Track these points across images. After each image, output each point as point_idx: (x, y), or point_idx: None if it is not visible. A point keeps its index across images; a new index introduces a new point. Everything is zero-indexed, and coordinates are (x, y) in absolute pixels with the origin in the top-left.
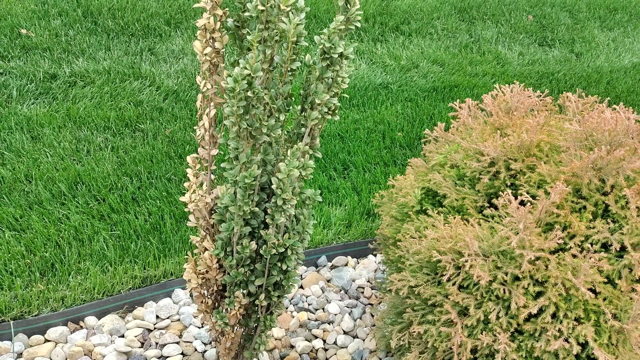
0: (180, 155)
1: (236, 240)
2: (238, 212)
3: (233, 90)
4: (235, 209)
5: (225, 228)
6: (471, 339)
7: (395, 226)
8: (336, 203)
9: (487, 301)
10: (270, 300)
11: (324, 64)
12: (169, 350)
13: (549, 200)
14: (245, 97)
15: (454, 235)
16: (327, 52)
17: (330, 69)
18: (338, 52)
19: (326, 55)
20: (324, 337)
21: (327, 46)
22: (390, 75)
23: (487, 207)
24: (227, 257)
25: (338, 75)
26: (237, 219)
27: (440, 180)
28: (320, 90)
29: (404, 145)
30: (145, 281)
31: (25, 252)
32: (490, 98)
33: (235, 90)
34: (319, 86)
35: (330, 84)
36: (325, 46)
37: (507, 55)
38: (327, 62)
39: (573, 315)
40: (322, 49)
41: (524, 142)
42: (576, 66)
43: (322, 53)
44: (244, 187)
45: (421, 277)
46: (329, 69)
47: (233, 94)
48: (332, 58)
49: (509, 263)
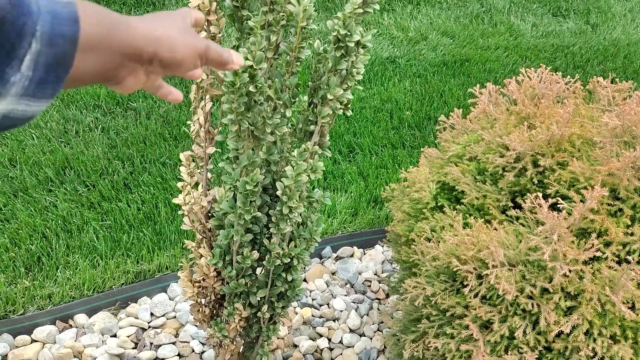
0: (175, 137)
1: (236, 250)
2: (238, 220)
3: (233, 84)
4: (235, 217)
5: (224, 236)
6: (494, 357)
7: (407, 223)
8: (341, 189)
9: (513, 315)
10: (274, 311)
11: (338, 53)
12: (164, 351)
13: (585, 206)
14: (247, 93)
15: (476, 242)
16: (342, 39)
17: (345, 59)
18: (355, 40)
19: (340, 44)
20: (329, 335)
21: (342, 33)
22: (398, 49)
23: (510, 207)
24: (225, 267)
25: (353, 66)
26: (238, 227)
27: (459, 175)
28: (333, 84)
29: (412, 126)
30: (138, 276)
31: (9, 245)
32: (515, 84)
33: (235, 85)
34: (332, 79)
35: (344, 77)
36: (339, 33)
37: (520, 27)
38: (341, 52)
39: (608, 333)
40: (335, 36)
41: (554, 136)
42: (592, 39)
43: (335, 41)
44: (244, 194)
45: (438, 285)
46: (344, 59)
47: (232, 89)
48: (347, 47)
49: (537, 274)
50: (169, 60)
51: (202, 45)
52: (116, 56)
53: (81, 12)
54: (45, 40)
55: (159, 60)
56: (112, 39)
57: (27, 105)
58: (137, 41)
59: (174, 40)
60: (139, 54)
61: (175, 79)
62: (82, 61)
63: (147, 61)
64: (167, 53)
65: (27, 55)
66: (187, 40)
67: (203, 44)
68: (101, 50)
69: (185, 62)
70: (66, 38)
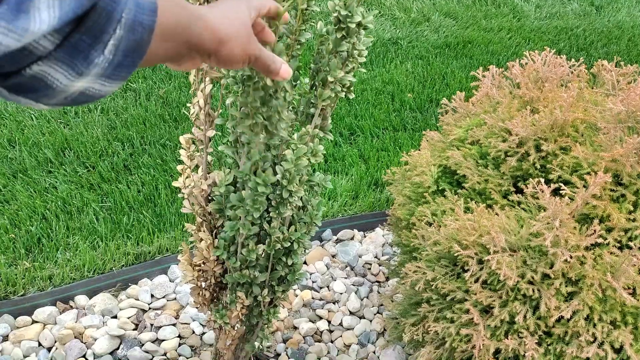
0: (175, 118)
1: (241, 242)
2: (246, 216)
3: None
4: (243, 212)
5: (230, 228)
6: (494, 341)
7: (408, 207)
8: (342, 172)
9: (513, 300)
10: (274, 295)
11: (339, 35)
12: (165, 333)
13: (588, 192)
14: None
15: (478, 227)
16: (343, 21)
17: (346, 41)
18: (356, 20)
19: (341, 25)
20: (328, 318)
21: (342, 14)
22: (400, 30)
23: (512, 192)
24: (229, 258)
25: (355, 48)
26: (245, 222)
27: (460, 159)
28: (334, 66)
29: (414, 108)
30: (138, 258)
31: (9, 226)
32: (519, 67)
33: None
34: (332, 61)
35: (345, 58)
36: (340, 14)
37: (523, 8)
38: (342, 33)
39: (608, 319)
40: (336, 17)
41: (558, 121)
42: (596, 21)
43: (336, 22)
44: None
45: (439, 270)
46: (344, 41)
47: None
48: (348, 28)
49: (538, 259)
50: (225, 59)
51: (256, 52)
52: (184, 47)
53: (160, 4)
54: (127, 28)
55: (217, 57)
56: (183, 32)
57: (102, 85)
58: (204, 38)
59: (234, 43)
60: (203, 49)
61: None
62: (155, 48)
63: (207, 55)
64: (225, 54)
65: (111, 40)
66: (245, 45)
67: (257, 51)
68: (173, 41)
69: (236, 63)
70: (145, 27)
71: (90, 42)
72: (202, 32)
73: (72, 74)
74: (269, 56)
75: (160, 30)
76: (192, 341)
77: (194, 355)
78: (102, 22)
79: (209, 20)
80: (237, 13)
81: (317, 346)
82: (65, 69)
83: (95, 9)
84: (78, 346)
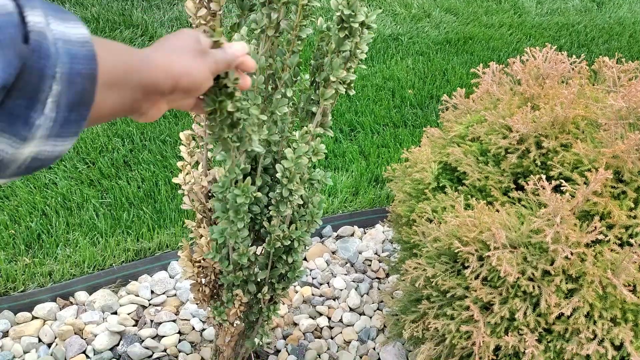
0: (175, 114)
1: (232, 246)
2: (231, 226)
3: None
4: (228, 223)
5: (218, 232)
6: (494, 338)
7: (409, 204)
8: (342, 168)
9: (514, 297)
10: (274, 292)
11: (342, 34)
12: (165, 329)
13: (589, 188)
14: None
15: (478, 224)
16: (346, 20)
17: (349, 41)
18: (359, 20)
19: (344, 24)
20: (329, 314)
21: (345, 13)
22: (401, 26)
23: (513, 189)
24: (222, 261)
25: (357, 47)
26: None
27: (461, 156)
28: (336, 66)
29: (414, 104)
30: (138, 254)
31: (9, 222)
32: (519, 64)
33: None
34: (335, 60)
35: (347, 58)
36: (343, 13)
37: (524, 4)
38: (345, 33)
39: (608, 316)
40: (339, 17)
41: (558, 117)
42: (597, 17)
43: (339, 21)
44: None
45: (439, 267)
46: (347, 41)
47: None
48: (351, 28)
49: (539, 256)
50: (190, 88)
51: (212, 64)
52: (137, 92)
53: (98, 50)
54: (65, 81)
55: (181, 90)
56: (132, 76)
57: (54, 145)
58: (156, 76)
59: (191, 69)
60: (160, 88)
61: None
62: (103, 98)
63: (169, 92)
64: (187, 83)
65: (49, 98)
66: (201, 66)
67: (212, 62)
68: (122, 87)
69: (204, 86)
70: (85, 77)
71: (26, 104)
72: (153, 72)
73: (17, 141)
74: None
75: (105, 77)
76: (192, 337)
77: (194, 352)
78: (34, 81)
79: (157, 59)
80: (183, 41)
81: (317, 342)
82: (7, 137)
83: (25, 69)
84: (78, 342)
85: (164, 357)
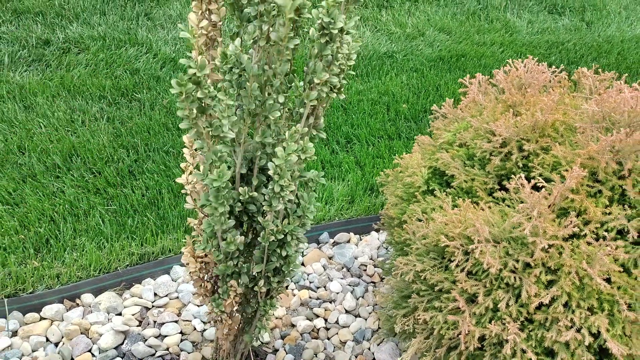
0: (178, 127)
1: (220, 236)
2: (214, 212)
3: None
4: (211, 209)
5: (206, 224)
6: (479, 328)
7: (400, 206)
8: (339, 178)
9: (497, 289)
10: (270, 285)
11: (323, 40)
12: (167, 329)
13: (565, 185)
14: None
15: (463, 220)
16: (326, 27)
17: (330, 46)
18: (338, 27)
19: (325, 31)
20: (325, 316)
21: (325, 21)
22: (396, 44)
23: (497, 190)
24: (214, 250)
25: (338, 52)
26: (214, 219)
27: (449, 160)
28: (319, 69)
29: (409, 118)
30: (142, 258)
31: (18, 228)
32: (502, 74)
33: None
34: (318, 64)
35: (330, 61)
36: (323, 21)
37: (515, 24)
38: (326, 39)
39: (586, 305)
40: (320, 24)
41: (538, 122)
42: (586, 35)
43: (320, 28)
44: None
45: (428, 262)
46: (328, 46)
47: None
48: (331, 34)
49: (520, 250)
50: None
51: None
52: None
53: None
54: None
55: None
56: None
57: None
58: None
59: None
60: None
61: (179, 72)
62: None
63: None
64: None
65: None
66: None
67: None
68: None
69: None
70: None
71: None
72: None
73: None
74: None
75: None
76: (193, 337)
77: (195, 350)
78: None
79: None
80: None
81: (314, 342)
82: None
83: None
84: (84, 341)
85: (166, 356)
